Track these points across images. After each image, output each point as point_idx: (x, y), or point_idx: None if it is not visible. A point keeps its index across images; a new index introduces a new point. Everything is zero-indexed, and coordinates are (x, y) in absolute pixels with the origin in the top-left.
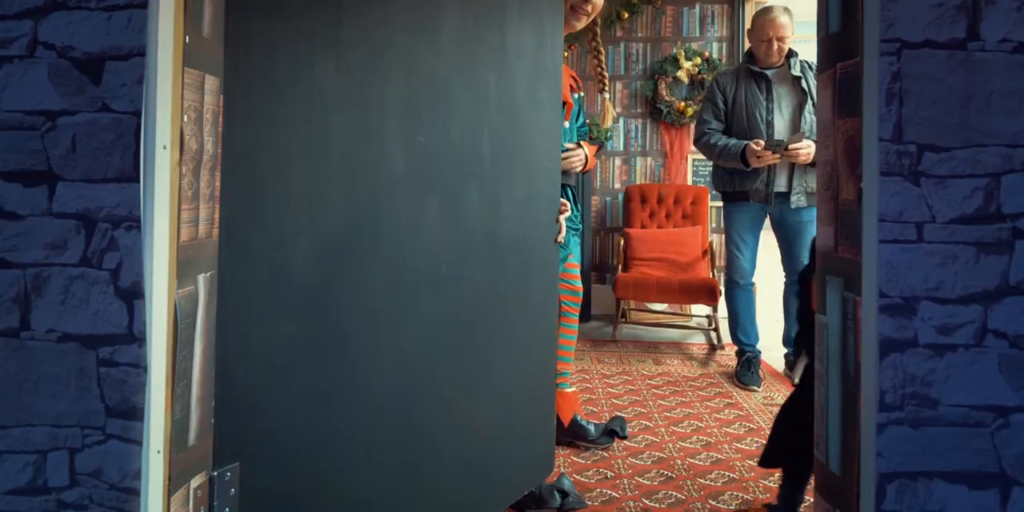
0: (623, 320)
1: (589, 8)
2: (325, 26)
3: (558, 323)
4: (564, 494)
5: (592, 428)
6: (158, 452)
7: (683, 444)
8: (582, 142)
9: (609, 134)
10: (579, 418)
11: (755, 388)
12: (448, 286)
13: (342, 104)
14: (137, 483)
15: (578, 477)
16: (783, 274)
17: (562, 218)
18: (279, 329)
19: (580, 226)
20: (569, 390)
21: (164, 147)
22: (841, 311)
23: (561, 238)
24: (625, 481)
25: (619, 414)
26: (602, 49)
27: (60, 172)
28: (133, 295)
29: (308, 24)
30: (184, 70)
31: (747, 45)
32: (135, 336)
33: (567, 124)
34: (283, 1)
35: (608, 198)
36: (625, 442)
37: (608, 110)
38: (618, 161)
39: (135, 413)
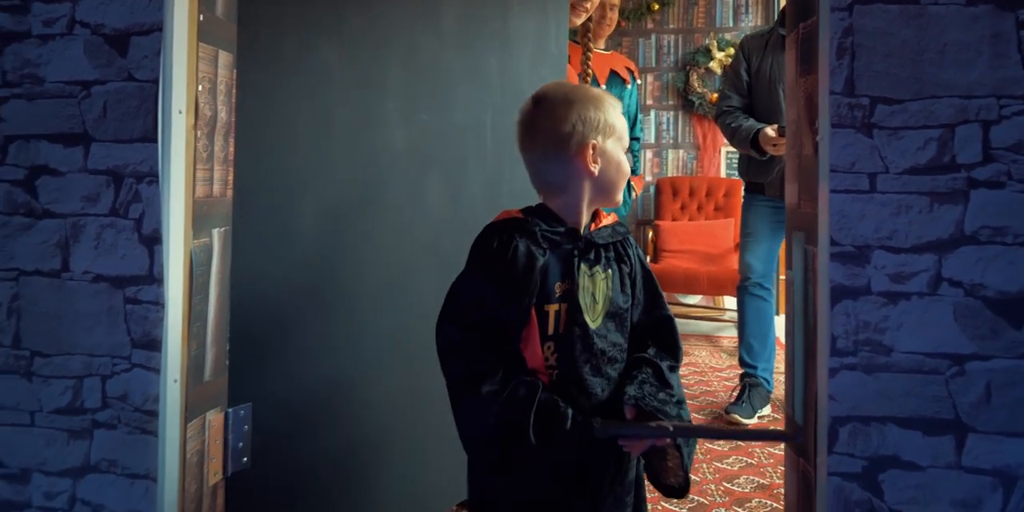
0: None
1: (588, 5)
2: (330, 12)
3: None
4: None
5: None
6: (175, 381)
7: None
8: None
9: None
10: None
11: (741, 419)
12: (450, 257)
13: (345, 84)
14: (157, 406)
15: None
16: None
17: None
18: (287, 285)
19: (624, 210)
20: None
21: (180, 112)
22: (803, 264)
23: None
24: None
25: None
26: (591, 47)
27: (93, 134)
28: (153, 241)
29: (313, 9)
30: (199, 45)
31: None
32: (155, 277)
33: None
34: None
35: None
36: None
37: None
38: (649, 154)
39: (156, 345)
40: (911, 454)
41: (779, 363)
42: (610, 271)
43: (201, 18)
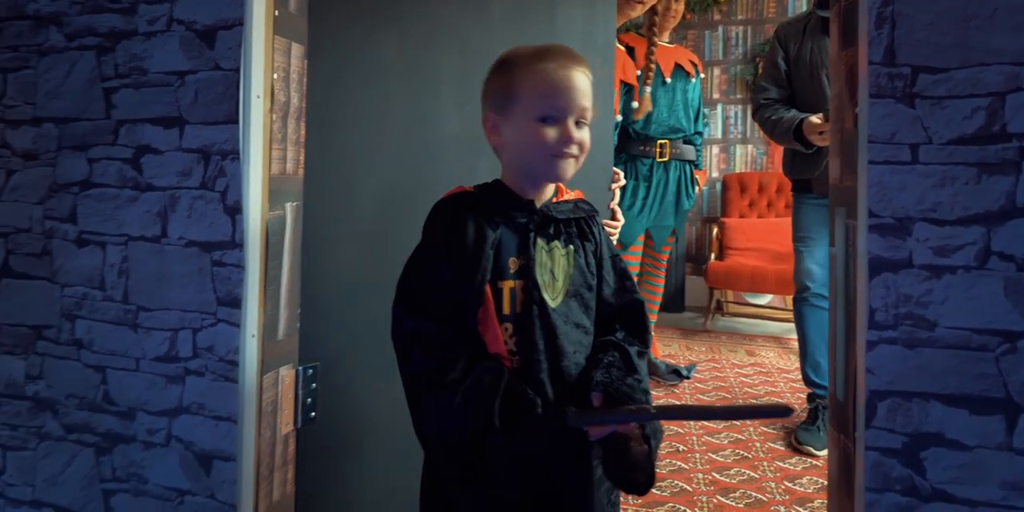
0: (719, 312)
1: None
2: (389, 6)
3: (646, 280)
4: None
5: (662, 366)
6: (252, 336)
7: (764, 429)
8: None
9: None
10: (652, 356)
11: (814, 450)
12: None
13: (402, 72)
14: (238, 357)
15: None
16: None
17: (615, 186)
18: (350, 256)
19: (689, 204)
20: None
21: (258, 96)
22: (844, 239)
23: (614, 204)
24: (697, 456)
25: (694, 362)
26: (656, 39)
27: (187, 117)
28: (236, 211)
29: (374, 4)
30: (274, 38)
31: None
32: (237, 243)
33: (635, 104)
34: None
35: (705, 187)
36: (704, 422)
37: (645, 102)
38: (716, 149)
39: (237, 303)
40: (956, 432)
41: None
42: (571, 247)
43: (276, 13)
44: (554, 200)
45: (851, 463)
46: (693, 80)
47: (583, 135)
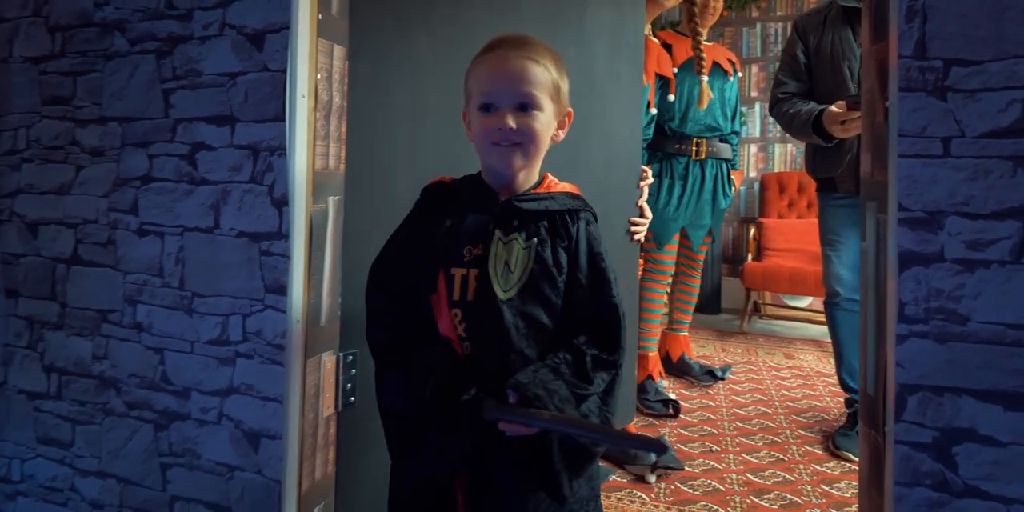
0: (756, 313)
1: None
2: (423, 8)
3: (682, 280)
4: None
5: (696, 366)
6: (297, 322)
7: (801, 432)
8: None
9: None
10: (686, 357)
11: (852, 455)
12: None
13: (436, 71)
14: (284, 341)
15: (683, 447)
16: None
17: (643, 184)
18: None
19: (725, 203)
20: (682, 334)
21: (303, 96)
22: (875, 234)
23: (642, 202)
24: (731, 457)
25: (729, 364)
26: (701, 31)
27: (238, 116)
28: (282, 204)
29: (410, 6)
30: (318, 40)
31: None
32: (283, 234)
33: (671, 97)
34: None
35: (743, 187)
36: (739, 424)
37: (705, 92)
38: (754, 148)
39: (283, 290)
40: (990, 428)
41: None
42: (535, 241)
43: (320, 17)
44: (532, 192)
45: (881, 457)
46: (731, 79)
47: (527, 122)
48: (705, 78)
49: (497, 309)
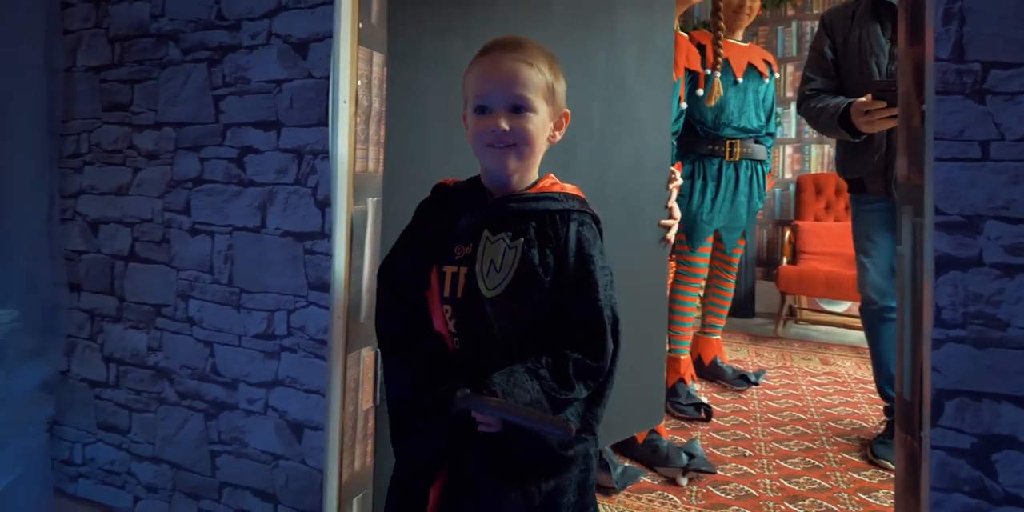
0: (791, 318)
1: None
2: (459, 15)
3: (715, 283)
4: (691, 456)
5: (729, 370)
6: (339, 318)
7: (838, 439)
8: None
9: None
10: (719, 361)
11: (891, 464)
12: None
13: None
14: (327, 336)
15: (715, 451)
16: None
17: (672, 186)
18: None
19: (759, 205)
20: (715, 338)
21: (344, 102)
22: (912, 238)
23: (672, 203)
24: (764, 462)
25: (763, 368)
26: (722, 25)
27: (283, 121)
28: (325, 205)
29: (443, 12)
30: (358, 48)
31: None
32: (326, 233)
33: (700, 92)
34: None
35: (778, 189)
36: (773, 429)
37: (716, 88)
38: (789, 149)
39: (325, 287)
40: None
41: None
42: (521, 241)
43: (360, 26)
44: (524, 192)
45: (917, 463)
46: (767, 80)
47: (521, 123)
48: (718, 74)
49: (482, 307)
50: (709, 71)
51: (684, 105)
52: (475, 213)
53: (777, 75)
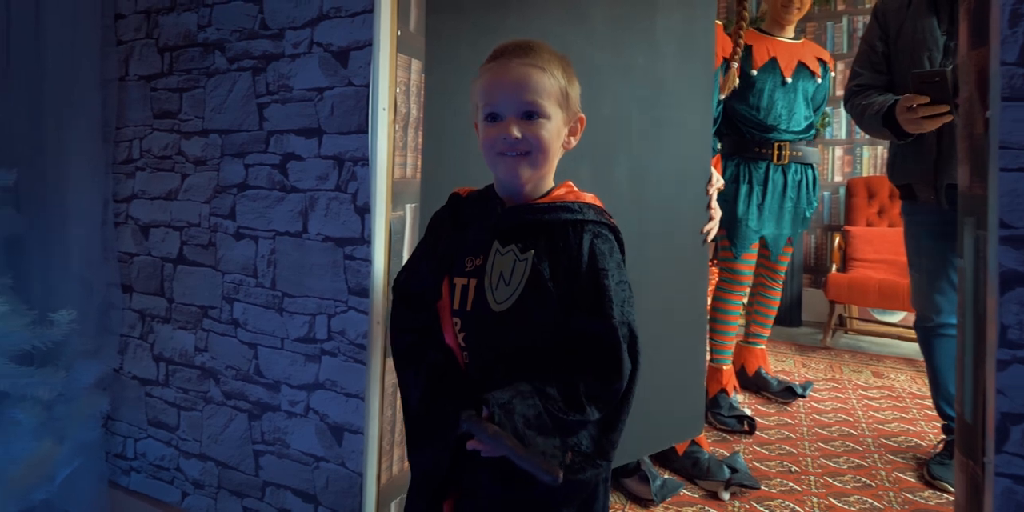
0: (841, 328)
1: None
2: (494, 18)
3: (761, 291)
4: (734, 470)
5: (774, 382)
6: (378, 323)
7: (891, 457)
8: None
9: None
10: (763, 371)
11: (949, 486)
12: None
13: None
14: (366, 341)
15: (758, 465)
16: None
17: (712, 190)
18: None
19: (809, 211)
20: (759, 348)
21: (383, 109)
22: (974, 252)
23: (713, 204)
24: (811, 479)
25: (811, 380)
26: (746, 14)
27: (325, 128)
28: (364, 211)
29: (481, 18)
30: (397, 55)
31: None
32: (365, 239)
33: (750, 94)
34: (465, 1)
35: (827, 192)
36: (821, 444)
37: (731, 79)
38: (839, 151)
39: (365, 293)
40: None
41: None
42: (531, 253)
43: (399, 34)
44: (536, 202)
45: (979, 490)
46: (818, 80)
47: (533, 130)
48: (735, 65)
49: (489, 321)
50: (728, 61)
51: (722, 96)
52: (485, 223)
53: (834, 74)
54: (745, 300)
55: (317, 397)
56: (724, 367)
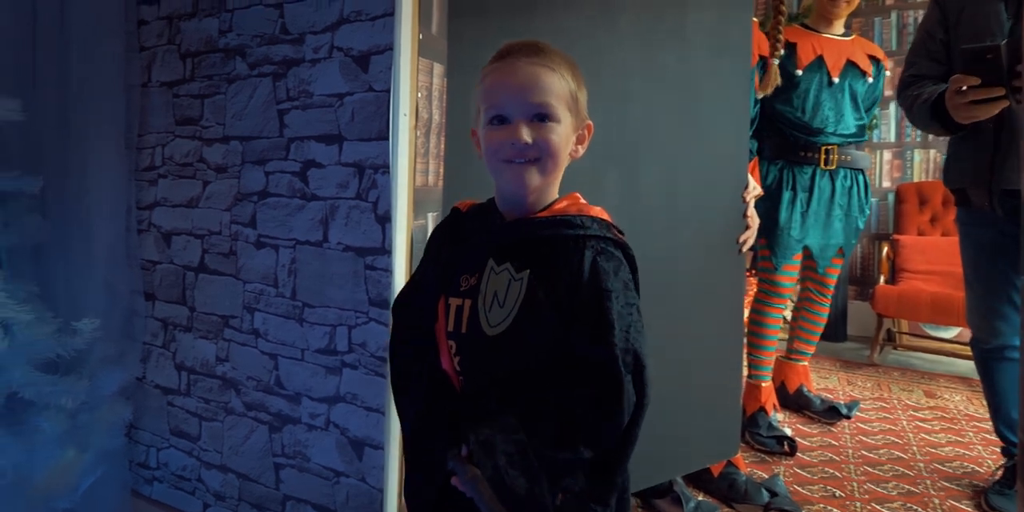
0: (889, 343)
1: None
2: (518, 19)
3: (807, 306)
4: (773, 493)
5: (817, 401)
6: None
7: (945, 483)
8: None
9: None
10: (805, 389)
11: None
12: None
13: None
14: (387, 354)
15: (799, 489)
16: None
17: (749, 197)
18: None
19: (861, 220)
20: (801, 364)
21: (404, 114)
22: None
23: (750, 211)
24: (858, 505)
25: (857, 399)
26: (784, 9)
27: (345, 134)
28: (385, 220)
29: (505, 19)
30: (419, 59)
31: None
32: (386, 249)
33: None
34: (488, 3)
35: (874, 199)
36: (868, 468)
37: (772, 78)
38: (887, 154)
39: (386, 304)
40: None
41: None
42: (527, 272)
43: (420, 37)
44: (535, 216)
45: None
46: (869, 80)
47: (544, 134)
48: (776, 61)
49: (482, 345)
50: (769, 58)
51: (760, 95)
52: (480, 239)
53: (888, 73)
54: (786, 313)
55: (338, 410)
56: (763, 384)
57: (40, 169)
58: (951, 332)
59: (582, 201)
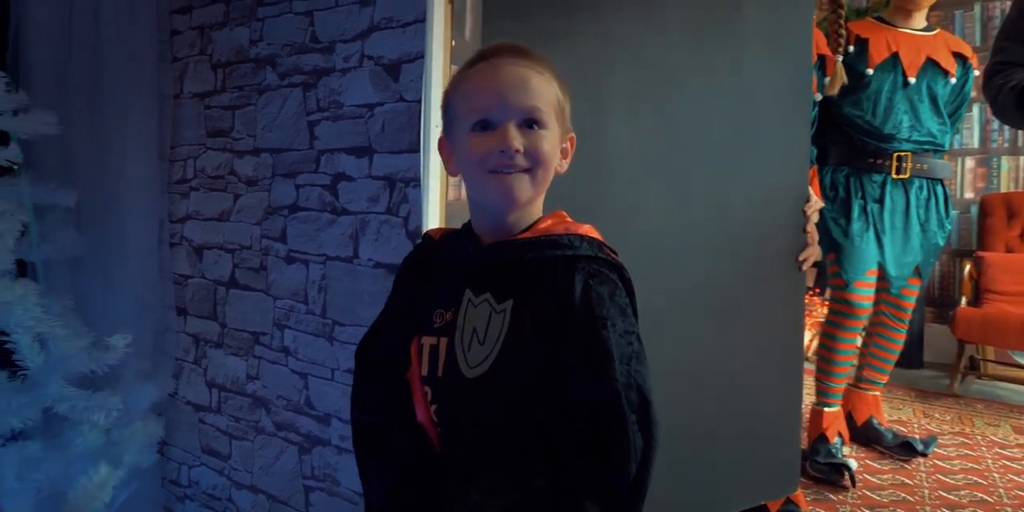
0: (972, 372)
1: None
2: (559, 23)
3: (879, 331)
4: None
5: (888, 435)
6: None
7: None
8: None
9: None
10: (875, 421)
11: None
12: (671, 262)
13: (573, 88)
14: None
15: None
16: None
17: (810, 211)
18: None
19: (941, 236)
20: (872, 394)
21: (436, 126)
22: None
23: (810, 227)
24: None
25: (934, 433)
26: (843, 3)
27: (375, 146)
28: (415, 236)
29: (546, 22)
30: (451, 67)
31: None
32: None
33: (827, 79)
34: (527, 6)
35: (955, 211)
36: (946, 511)
37: (838, 75)
38: (970, 162)
39: None
40: None
41: None
42: (510, 303)
43: (453, 44)
44: (516, 237)
45: None
46: (952, 80)
47: (535, 140)
48: (840, 57)
49: (461, 390)
50: (835, 54)
51: (818, 96)
52: (454, 268)
53: (976, 72)
54: (859, 338)
55: None
56: (827, 410)
57: (76, 182)
58: None
59: (568, 219)
